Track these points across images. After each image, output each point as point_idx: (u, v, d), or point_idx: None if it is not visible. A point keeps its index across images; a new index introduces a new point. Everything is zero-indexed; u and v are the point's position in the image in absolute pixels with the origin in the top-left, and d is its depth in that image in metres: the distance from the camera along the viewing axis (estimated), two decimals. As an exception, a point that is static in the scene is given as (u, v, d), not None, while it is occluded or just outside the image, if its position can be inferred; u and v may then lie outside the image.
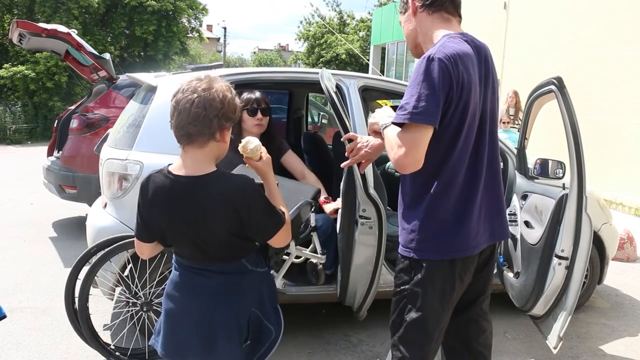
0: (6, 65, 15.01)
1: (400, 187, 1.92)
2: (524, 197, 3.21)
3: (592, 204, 3.25)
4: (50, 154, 6.20)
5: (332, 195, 3.32)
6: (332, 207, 3.15)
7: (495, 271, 3.10)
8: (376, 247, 2.88)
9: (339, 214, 2.99)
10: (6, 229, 5.52)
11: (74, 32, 5.62)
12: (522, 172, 3.35)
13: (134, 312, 2.93)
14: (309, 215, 2.66)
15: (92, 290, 2.88)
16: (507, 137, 5.55)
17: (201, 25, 24.27)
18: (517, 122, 6.60)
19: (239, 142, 1.75)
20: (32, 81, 14.54)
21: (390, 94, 4.29)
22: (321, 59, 26.14)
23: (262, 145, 1.77)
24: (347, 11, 27.27)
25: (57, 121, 6.36)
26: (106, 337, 3.07)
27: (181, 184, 1.63)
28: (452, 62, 1.67)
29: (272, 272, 2.62)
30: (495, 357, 2.92)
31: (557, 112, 2.69)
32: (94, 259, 2.82)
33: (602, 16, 8.21)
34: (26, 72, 14.47)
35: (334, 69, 20.89)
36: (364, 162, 2.12)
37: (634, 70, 7.50)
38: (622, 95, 7.74)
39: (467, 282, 1.92)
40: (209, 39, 37.54)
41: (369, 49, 22.85)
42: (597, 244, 3.63)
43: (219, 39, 55.14)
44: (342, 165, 2.20)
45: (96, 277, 2.88)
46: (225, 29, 49.29)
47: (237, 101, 1.69)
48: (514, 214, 3.21)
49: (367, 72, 17.47)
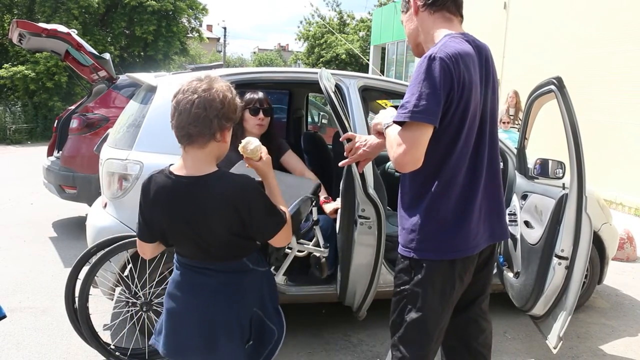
0: (6, 65, 15.01)
1: (399, 186, 1.92)
2: (524, 197, 3.21)
3: (592, 204, 3.25)
4: (50, 154, 6.20)
5: (332, 195, 3.31)
6: (331, 207, 3.15)
7: (495, 271, 3.11)
8: (376, 247, 2.87)
9: (338, 213, 2.99)
10: (6, 229, 5.52)
11: (74, 32, 5.62)
12: (522, 172, 3.35)
13: (133, 312, 2.93)
14: (310, 209, 2.65)
15: (92, 290, 2.88)
16: (507, 137, 5.55)
17: (201, 25, 24.29)
18: (517, 122, 6.59)
19: (239, 142, 1.75)
20: (32, 81, 14.54)
21: (390, 94, 4.29)
22: (321, 59, 26.14)
23: (262, 145, 1.77)
24: (347, 11, 27.32)
25: (57, 121, 6.36)
26: (106, 337, 3.07)
27: (182, 184, 1.64)
28: (453, 62, 1.67)
29: (273, 268, 2.62)
30: (495, 357, 2.92)
31: (557, 112, 2.69)
32: (94, 259, 2.83)
33: (602, 16, 8.21)
34: (26, 72, 14.47)
35: (334, 69, 20.93)
36: (362, 161, 2.12)
37: (634, 70, 7.50)
38: (622, 95, 7.74)
39: (467, 282, 1.92)
40: (209, 39, 37.53)
41: (369, 49, 22.85)
42: (597, 244, 3.63)
43: (219, 39, 55.14)
44: (340, 163, 2.20)
45: (96, 277, 2.88)
46: (225, 29, 49.34)
47: (237, 101, 1.69)
48: (514, 214, 3.20)
49: (367, 72, 17.46)
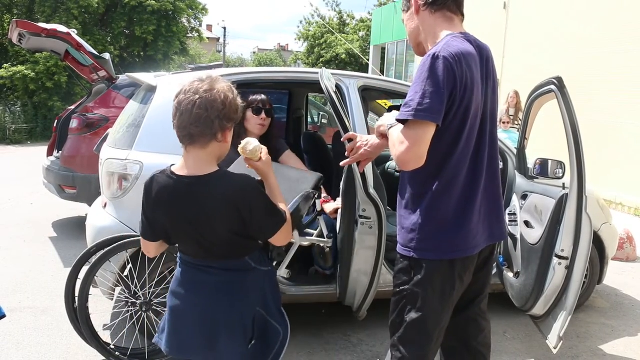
0: (6, 65, 15.01)
1: (399, 186, 1.92)
2: (524, 197, 3.21)
3: (592, 204, 3.25)
4: (50, 154, 6.20)
5: (332, 195, 3.31)
6: (332, 207, 3.15)
7: (495, 271, 3.11)
8: (376, 247, 2.87)
9: (338, 213, 2.99)
10: (6, 229, 5.52)
11: (73, 32, 5.62)
12: (522, 172, 3.34)
13: (133, 312, 2.93)
14: (312, 202, 2.66)
15: (92, 290, 2.88)
16: (507, 137, 5.55)
17: (201, 25, 24.28)
18: (517, 122, 6.59)
19: (239, 142, 1.75)
20: (32, 81, 14.54)
21: (390, 94, 4.29)
22: (321, 59, 26.14)
23: (261, 145, 1.77)
24: (347, 11, 27.35)
25: (57, 121, 6.36)
26: (106, 336, 3.08)
27: (183, 184, 1.64)
28: (456, 61, 1.67)
29: (276, 263, 2.60)
30: (495, 357, 2.93)
31: (557, 112, 2.69)
32: (94, 259, 2.82)
33: (602, 16, 8.21)
34: (26, 72, 14.47)
35: (333, 69, 20.90)
36: (363, 161, 2.12)
37: (634, 70, 7.51)
38: (622, 95, 7.74)
39: (467, 282, 1.92)
40: (208, 39, 37.52)
41: (369, 49, 22.86)
42: (597, 243, 3.63)
43: (218, 39, 55.14)
44: (342, 163, 2.20)
45: (96, 277, 2.88)
46: (225, 29, 49.29)
47: (238, 102, 1.69)
48: (514, 214, 3.20)
49: (367, 72, 17.47)
